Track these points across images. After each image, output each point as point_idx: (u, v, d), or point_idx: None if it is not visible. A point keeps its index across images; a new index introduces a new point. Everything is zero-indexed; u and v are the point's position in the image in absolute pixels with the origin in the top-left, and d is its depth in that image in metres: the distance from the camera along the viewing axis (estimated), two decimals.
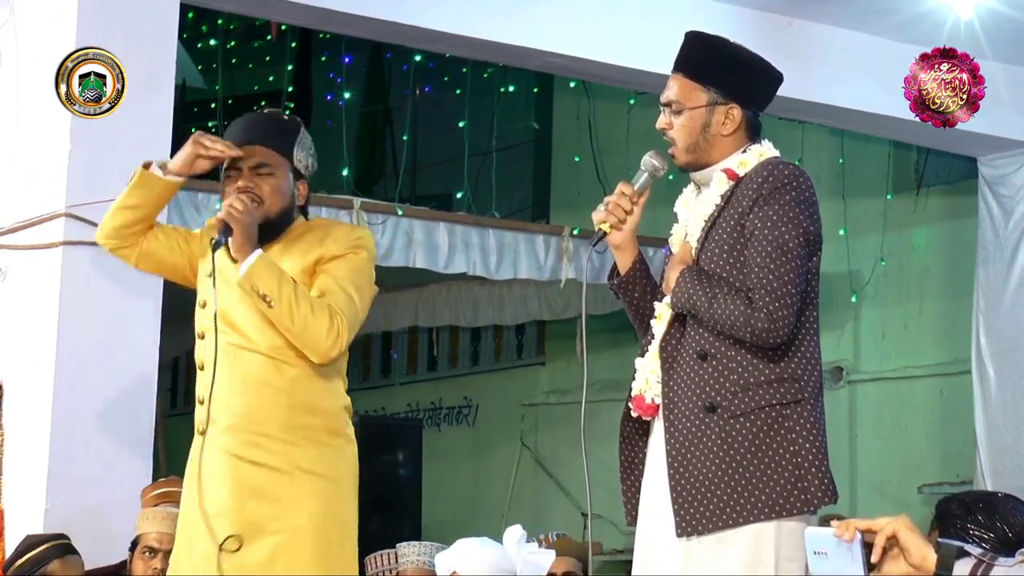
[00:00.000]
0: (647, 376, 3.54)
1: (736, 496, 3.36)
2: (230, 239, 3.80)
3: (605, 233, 3.60)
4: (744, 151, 3.59)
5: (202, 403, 3.90)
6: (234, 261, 3.82)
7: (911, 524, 2.61)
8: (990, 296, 8.46)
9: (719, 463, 3.38)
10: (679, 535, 3.41)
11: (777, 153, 3.61)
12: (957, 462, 9.39)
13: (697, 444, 3.41)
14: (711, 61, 3.61)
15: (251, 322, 3.85)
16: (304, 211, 4.06)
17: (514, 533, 5.15)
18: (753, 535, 3.37)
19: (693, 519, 3.39)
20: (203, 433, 3.89)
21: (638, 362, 3.59)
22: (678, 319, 3.52)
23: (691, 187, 3.69)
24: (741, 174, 3.54)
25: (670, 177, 3.73)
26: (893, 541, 2.60)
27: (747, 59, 3.65)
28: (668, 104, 3.61)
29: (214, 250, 3.80)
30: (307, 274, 3.87)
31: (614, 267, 3.70)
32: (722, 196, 3.53)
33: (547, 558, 5.18)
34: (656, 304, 3.60)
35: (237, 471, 3.83)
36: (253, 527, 3.80)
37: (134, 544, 5.21)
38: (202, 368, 3.92)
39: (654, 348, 3.55)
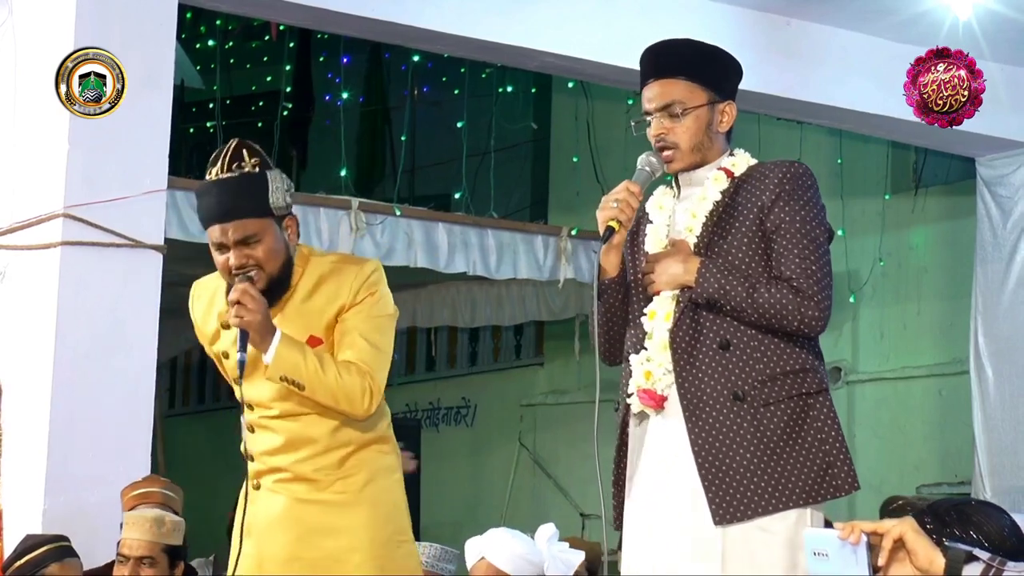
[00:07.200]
0: (652, 369, 3.52)
1: (774, 483, 3.41)
2: (249, 343, 3.74)
3: (614, 230, 3.55)
4: (731, 153, 3.66)
5: (252, 460, 3.94)
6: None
7: (917, 527, 2.60)
8: (988, 296, 8.46)
9: (753, 451, 3.41)
10: (717, 523, 3.41)
11: None
12: (955, 462, 9.39)
13: (727, 433, 3.43)
14: (707, 63, 3.68)
15: (275, 393, 3.85)
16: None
17: (546, 531, 5.21)
18: (794, 521, 3.42)
19: (731, 507, 3.41)
20: (257, 488, 3.92)
21: (633, 359, 3.56)
22: (688, 310, 3.51)
23: (663, 189, 3.72)
24: (737, 173, 3.60)
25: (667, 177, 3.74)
26: (899, 544, 2.60)
27: (729, 58, 3.73)
28: (666, 107, 3.63)
29: (241, 365, 3.73)
30: (330, 329, 3.84)
31: (599, 269, 3.65)
32: (723, 193, 3.57)
33: (576, 557, 5.20)
34: (656, 299, 3.57)
35: (297, 513, 3.84)
36: (328, 560, 3.82)
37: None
38: (251, 431, 3.93)
39: (661, 341, 3.52)
